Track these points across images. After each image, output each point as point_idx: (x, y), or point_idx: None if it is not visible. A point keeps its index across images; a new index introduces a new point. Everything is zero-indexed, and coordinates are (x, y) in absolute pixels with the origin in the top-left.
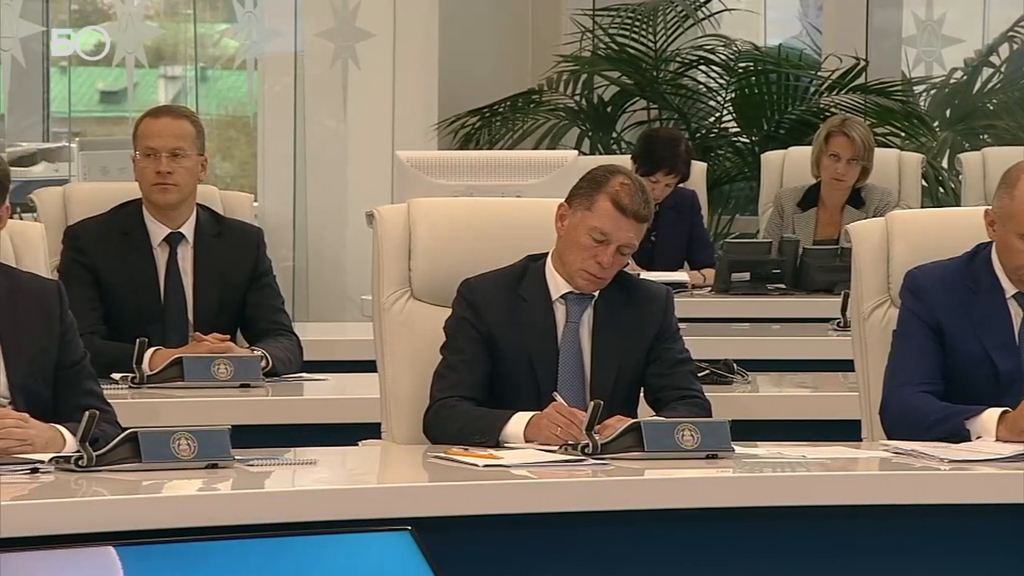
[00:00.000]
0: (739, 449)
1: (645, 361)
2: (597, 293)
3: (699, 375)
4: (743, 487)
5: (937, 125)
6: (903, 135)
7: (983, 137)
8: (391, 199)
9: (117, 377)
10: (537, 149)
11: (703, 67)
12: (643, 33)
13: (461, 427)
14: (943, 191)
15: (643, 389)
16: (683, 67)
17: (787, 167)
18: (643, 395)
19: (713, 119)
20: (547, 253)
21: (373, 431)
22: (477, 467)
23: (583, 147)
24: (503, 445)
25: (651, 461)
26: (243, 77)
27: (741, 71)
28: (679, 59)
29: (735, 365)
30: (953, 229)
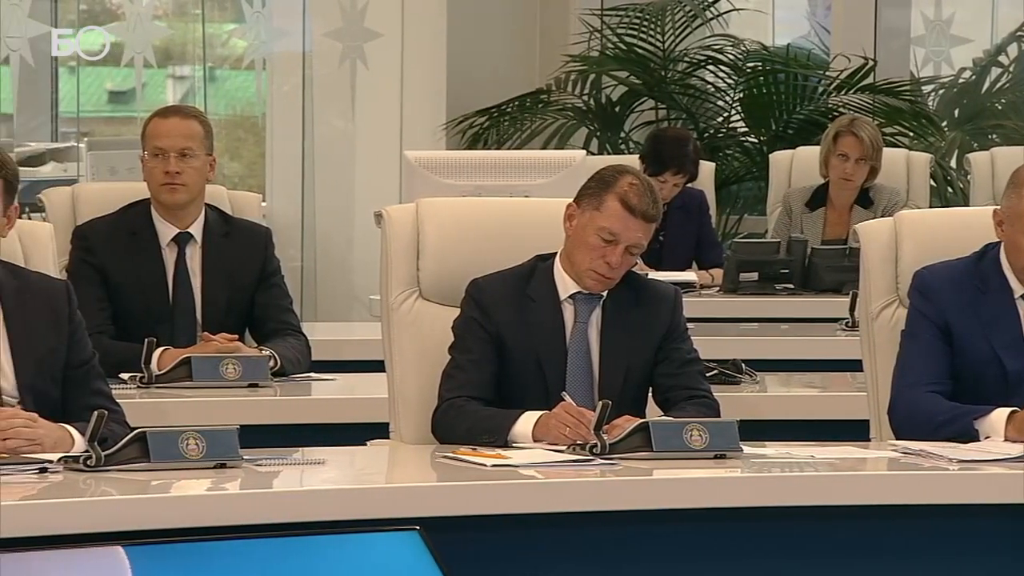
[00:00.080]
0: (747, 449)
1: (653, 361)
2: (605, 293)
3: (707, 375)
4: (751, 487)
5: (945, 125)
6: (911, 135)
7: (991, 137)
8: (399, 199)
9: (126, 377)
10: (545, 149)
11: (711, 67)
12: (651, 33)
13: (469, 427)
14: (951, 191)
15: (651, 389)
16: (691, 67)
17: (795, 167)
18: (651, 395)
19: (721, 119)
20: (555, 253)
21: (381, 431)
22: (485, 467)
23: (591, 147)
24: (511, 445)
25: (659, 461)
26: (251, 77)
27: (749, 71)
28: (687, 59)
29: (743, 365)
30: (961, 229)
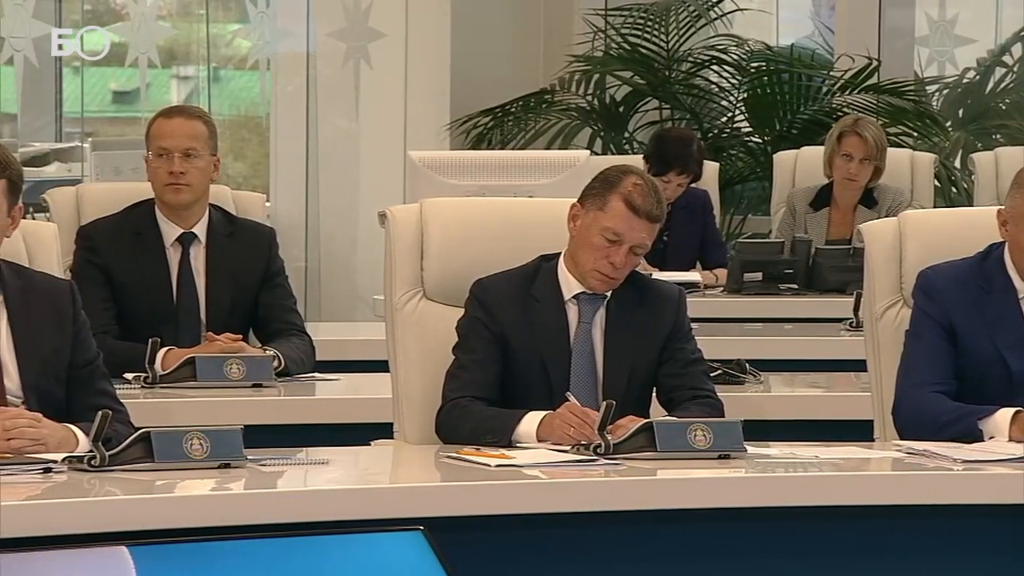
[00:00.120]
0: (751, 449)
1: (658, 361)
2: (609, 293)
3: (711, 375)
4: (755, 487)
5: (950, 125)
6: (915, 135)
7: (996, 137)
8: (403, 199)
9: (130, 377)
10: (549, 149)
11: (715, 67)
12: (655, 33)
13: (473, 427)
14: (956, 191)
15: (656, 389)
16: (695, 67)
17: (799, 167)
18: (655, 395)
19: (725, 119)
20: (559, 253)
21: (385, 431)
22: (489, 467)
23: (595, 147)
24: (515, 445)
25: (663, 461)
26: (255, 77)
27: (753, 71)
28: (691, 59)
29: (747, 365)
30: (966, 229)
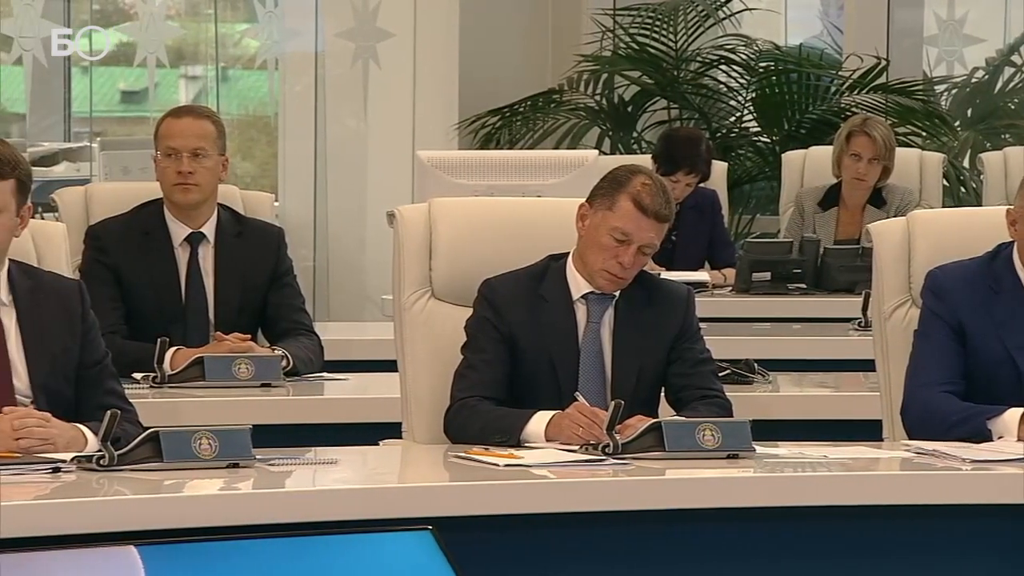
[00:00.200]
0: (760, 449)
1: (666, 361)
2: (618, 293)
3: (720, 375)
4: (764, 487)
5: (958, 125)
6: (924, 135)
7: (1004, 136)
8: (411, 199)
9: (138, 377)
10: (557, 149)
11: (724, 67)
12: (664, 33)
13: (482, 427)
14: (964, 191)
15: (664, 389)
16: (704, 67)
17: (808, 167)
18: (664, 395)
19: (734, 119)
20: (568, 253)
21: (394, 431)
22: (498, 467)
23: (603, 147)
24: (524, 445)
25: (672, 461)
26: (264, 77)
27: (762, 71)
28: (700, 59)
29: (756, 365)
30: (974, 229)
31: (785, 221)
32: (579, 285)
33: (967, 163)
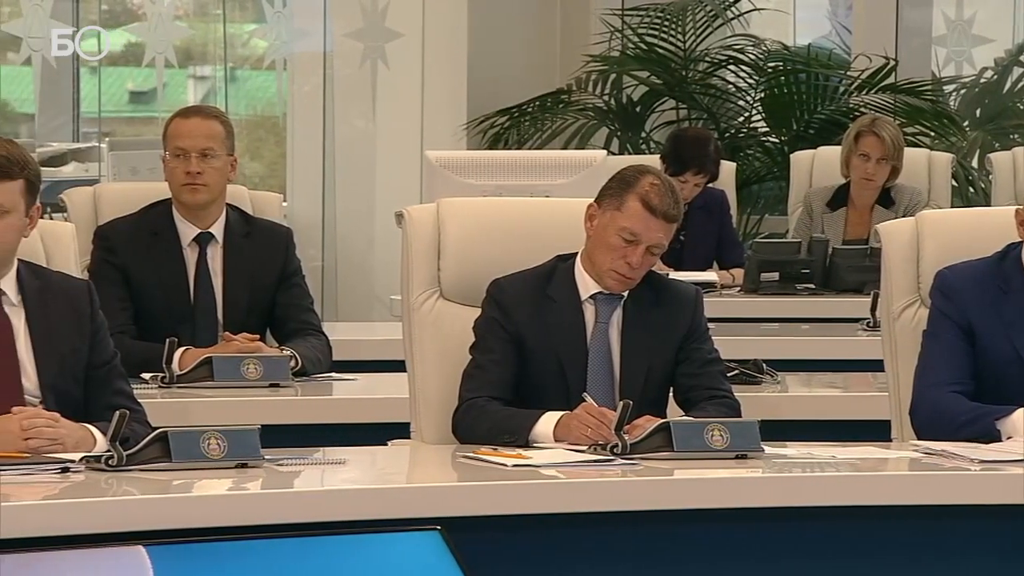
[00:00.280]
0: (768, 449)
1: (674, 361)
2: (626, 293)
3: (728, 375)
4: (772, 487)
5: (967, 125)
6: (933, 135)
7: (1013, 136)
8: (420, 199)
9: (147, 377)
10: (566, 149)
11: (732, 67)
12: (672, 33)
13: (490, 427)
14: (973, 191)
15: (672, 389)
16: (712, 67)
17: (816, 167)
18: (672, 395)
19: (742, 119)
20: (576, 253)
21: (402, 431)
22: (506, 467)
23: (612, 147)
24: (532, 445)
25: (680, 461)
26: (272, 77)
27: (770, 71)
28: (708, 59)
29: (764, 365)
30: (983, 229)
31: (793, 221)
32: (587, 285)
33: (976, 163)
